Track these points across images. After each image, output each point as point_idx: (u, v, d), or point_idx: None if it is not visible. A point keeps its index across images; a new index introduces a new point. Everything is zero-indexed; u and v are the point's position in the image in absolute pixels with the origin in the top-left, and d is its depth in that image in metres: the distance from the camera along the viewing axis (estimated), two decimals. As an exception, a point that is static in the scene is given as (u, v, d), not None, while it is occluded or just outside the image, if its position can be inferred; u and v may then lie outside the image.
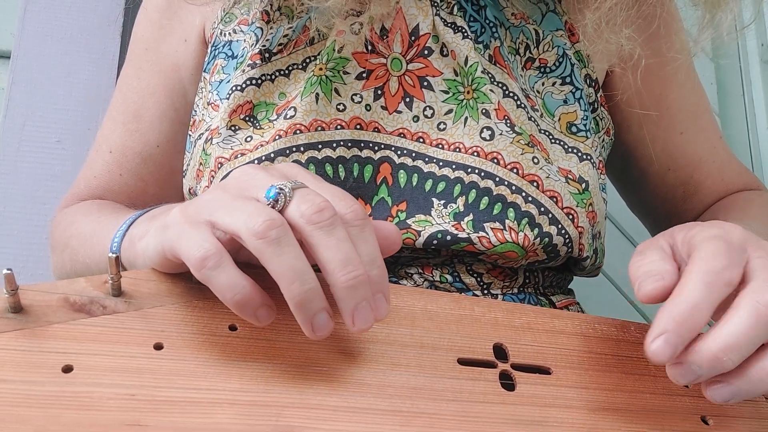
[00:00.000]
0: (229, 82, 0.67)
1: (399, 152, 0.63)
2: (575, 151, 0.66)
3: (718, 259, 0.43)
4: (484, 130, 0.63)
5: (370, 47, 0.65)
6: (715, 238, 0.45)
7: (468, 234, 0.60)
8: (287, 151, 0.61)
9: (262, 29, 0.67)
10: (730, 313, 0.42)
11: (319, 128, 0.62)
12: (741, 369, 0.42)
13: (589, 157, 0.66)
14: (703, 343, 0.41)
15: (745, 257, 0.44)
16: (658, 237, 0.49)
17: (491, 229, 0.60)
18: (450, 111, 0.64)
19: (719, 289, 0.42)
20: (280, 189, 0.41)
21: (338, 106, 0.63)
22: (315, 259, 0.40)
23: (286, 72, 0.65)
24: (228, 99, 0.64)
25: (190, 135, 0.71)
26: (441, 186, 0.62)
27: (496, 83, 0.65)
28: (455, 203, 0.61)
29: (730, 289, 0.42)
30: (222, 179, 0.62)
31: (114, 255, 0.41)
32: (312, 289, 0.39)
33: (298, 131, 0.61)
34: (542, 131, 0.66)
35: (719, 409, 0.49)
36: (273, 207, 0.41)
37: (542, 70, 0.69)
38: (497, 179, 0.61)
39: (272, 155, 0.61)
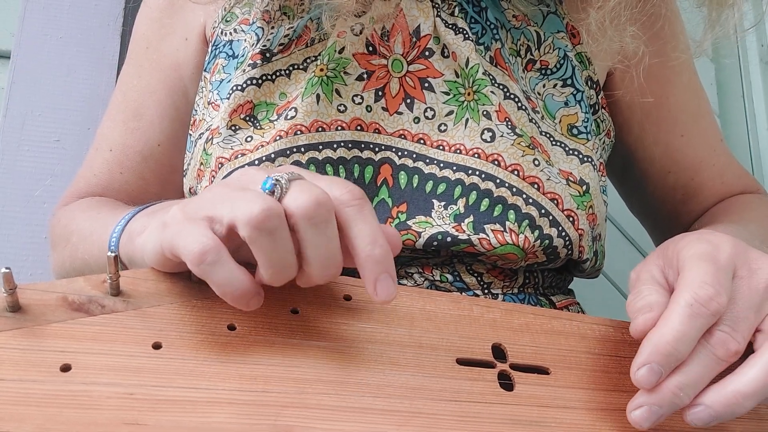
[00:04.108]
0: (229, 81, 0.67)
1: (400, 153, 0.63)
2: (576, 153, 0.66)
3: (705, 287, 0.43)
4: (485, 131, 0.63)
5: (371, 48, 0.65)
6: (703, 257, 0.45)
7: (468, 235, 0.60)
8: (288, 152, 0.61)
9: (263, 29, 0.67)
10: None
11: (320, 129, 0.62)
12: (717, 392, 0.43)
13: (590, 159, 0.66)
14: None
15: (731, 275, 0.45)
16: (649, 261, 0.50)
17: (492, 230, 0.60)
18: (451, 112, 0.64)
19: (705, 319, 0.43)
20: (277, 180, 0.41)
21: (339, 107, 0.63)
22: (300, 248, 0.41)
23: (287, 72, 0.65)
24: (228, 99, 0.64)
25: (190, 135, 0.71)
26: (442, 187, 0.62)
27: (497, 85, 0.65)
28: (456, 205, 0.61)
29: (716, 318, 0.43)
30: (223, 179, 0.62)
31: (112, 254, 0.41)
32: (286, 278, 0.41)
33: (298, 132, 0.61)
34: (543, 133, 0.66)
35: None
36: (270, 197, 0.41)
37: (543, 72, 0.69)
38: (498, 181, 0.61)
39: (273, 156, 0.61)
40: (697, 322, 0.42)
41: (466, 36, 0.65)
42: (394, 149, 0.63)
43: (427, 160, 0.63)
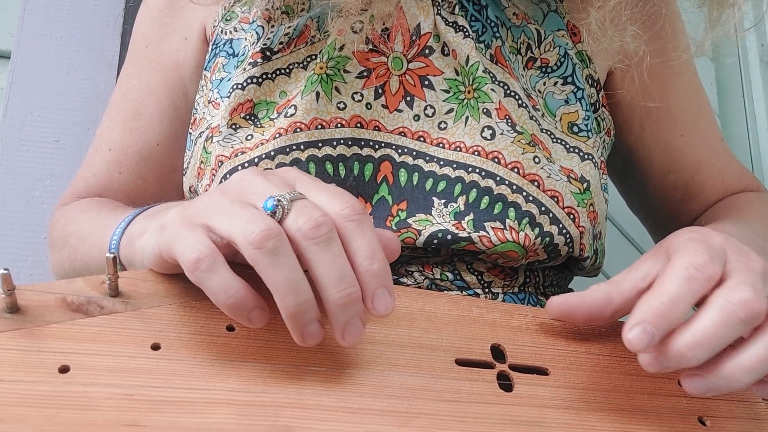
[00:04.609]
0: (230, 80, 0.67)
1: (399, 151, 0.63)
2: (577, 150, 0.66)
3: (699, 255, 0.44)
4: (485, 129, 0.62)
5: (371, 46, 0.65)
6: (695, 239, 0.46)
7: (468, 233, 0.60)
8: (287, 150, 0.61)
9: (263, 27, 0.67)
10: (701, 310, 0.43)
11: (319, 126, 0.62)
12: (716, 365, 0.43)
13: (590, 157, 0.66)
14: (671, 337, 0.42)
15: (724, 258, 0.45)
16: (642, 260, 0.50)
17: (492, 228, 0.60)
18: (451, 110, 0.64)
19: (700, 283, 0.43)
20: (278, 201, 0.41)
21: (338, 105, 0.63)
22: (310, 273, 0.40)
23: (287, 71, 0.65)
24: (229, 97, 0.64)
25: (190, 133, 0.71)
26: (442, 185, 0.62)
27: (497, 83, 0.65)
28: (456, 202, 0.61)
29: (711, 284, 0.43)
30: (223, 178, 0.62)
31: (111, 255, 0.41)
32: (306, 301, 0.40)
33: (298, 129, 0.61)
34: (544, 131, 0.66)
35: (716, 410, 0.49)
36: (271, 217, 0.41)
37: (544, 70, 0.69)
38: (498, 179, 0.61)
39: (272, 153, 0.61)
40: (692, 285, 0.43)
41: (466, 34, 0.65)
42: (393, 147, 0.63)
43: (427, 158, 0.63)
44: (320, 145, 0.61)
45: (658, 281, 0.44)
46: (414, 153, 0.63)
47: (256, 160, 0.61)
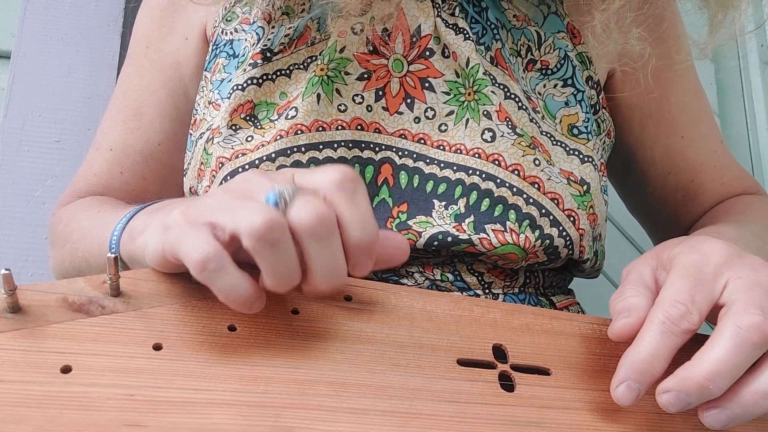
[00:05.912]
0: (230, 81, 0.67)
1: (400, 153, 0.63)
2: (576, 153, 0.66)
3: (677, 306, 0.43)
4: (486, 131, 0.63)
5: (371, 48, 0.65)
6: (686, 272, 0.45)
7: (469, 235, 0.60)
8: (288, 152, 0.61)
9: (263, 28, 0.67)
10: (713, 339, 0.42)
11: (320, 129, 0.62)
12: (734, 393, 0.43)
13: (590, 159, 0.66)
14: (689, 371, 0.42)
15: (721, 283, 0.45)
16: (642, 260, 0.50)
17: (492, 230, 0.60)
18: (451, 112, 0.64)
19: (677, 337, 0.43)
20: (280, 192, 0.41)
21: (339, 107, 0.63)
22: (303, 258, 0.41)
23: (287, 72, 0.65)
24: (229, 98, 0.64)
25: (191, 134, 0.71)
26: (442, 187, 0.62)
27: (497, 85, 0.65)
28: (456, 205, 0.61)
29: (690, 335, 0.43)
30: (223, 179, 0.62)
31: (113, 255, 0.41)
32: (292, 286, 0.42)
33: (299, 131, 0.61)
34: (544, 133, 0.66)
35: None
36: (274, 209, 0.41)
37: (543, 72, 0.69)
38: (498, 181, 0.61)
39: (273, 155, 0.61)
40: (669, 340, 0.43)
41: (467, 36, 0.65)
42: (394, 149, 0.63)
43: (428, 160, 0.63)
44: (321, 147, 0.61)
45: (640, 333, 0.44)
46: (414, 155, 0.63)
47: (257, 162, 0.61)
